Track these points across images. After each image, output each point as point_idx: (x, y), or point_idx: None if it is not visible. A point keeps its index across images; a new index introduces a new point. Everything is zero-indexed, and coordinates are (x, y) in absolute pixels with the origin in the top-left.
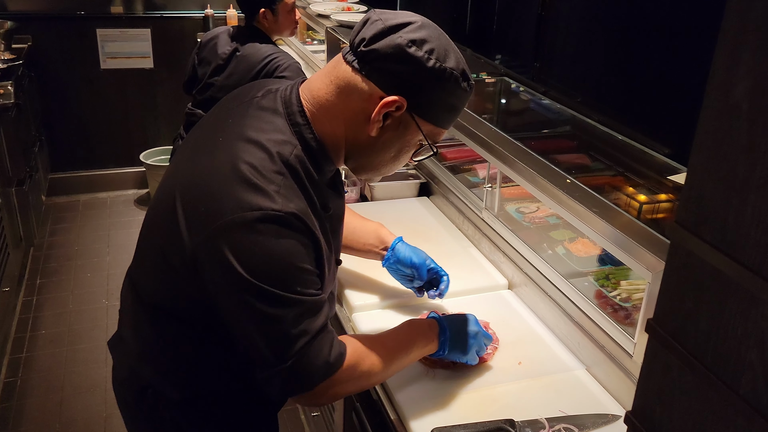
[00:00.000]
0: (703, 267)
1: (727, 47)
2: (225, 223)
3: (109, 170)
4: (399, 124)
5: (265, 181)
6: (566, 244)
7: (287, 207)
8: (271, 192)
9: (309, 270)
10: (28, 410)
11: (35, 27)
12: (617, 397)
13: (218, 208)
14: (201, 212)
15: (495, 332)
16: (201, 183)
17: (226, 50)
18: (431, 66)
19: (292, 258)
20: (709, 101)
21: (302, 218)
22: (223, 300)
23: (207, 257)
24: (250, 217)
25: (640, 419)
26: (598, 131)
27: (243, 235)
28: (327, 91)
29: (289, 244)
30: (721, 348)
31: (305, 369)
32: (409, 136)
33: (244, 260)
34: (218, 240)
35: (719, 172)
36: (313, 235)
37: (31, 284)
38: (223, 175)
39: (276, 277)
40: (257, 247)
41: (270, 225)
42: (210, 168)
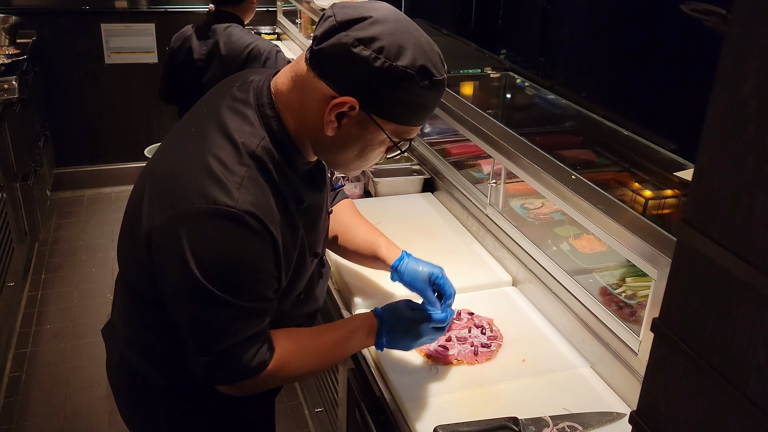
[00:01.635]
0: (710, 266)
1: (735, 43)
2: (182, 212)
3: (113, 165)
4: (356, 124)
5: (228, 173)
6: (571, 241)
7: (244, 204)
8: (231, 186)
9: (257, 274)
10: (32, 405)
11: (40, 22)
12: (622, 395)
13: (179, 196)
14: (162, 199)
15: (499, 329)
16: (168, 172)
17: (203, 51)
18: (379, 66)
19: (241, 259)
20: (716, 98)
21: (259, 217)
22: (167, 283)
23: (160, 241)
24: (206, 210)
25: (646, 419)
26: (604, 126)
27: (196, 226)
28: (288, 87)
29: (240, 243)
30: (728, 348)
31: (225, 367)
32: (371, 135)
33: (192, 251)
34: (173, 227)
35: (727, 170)
36: (270, 235)
37: (35, 279)
38: (189, 165)
39: (219, 277)
40: (208, 242)
41: (224, 221)
42: (179, 158)
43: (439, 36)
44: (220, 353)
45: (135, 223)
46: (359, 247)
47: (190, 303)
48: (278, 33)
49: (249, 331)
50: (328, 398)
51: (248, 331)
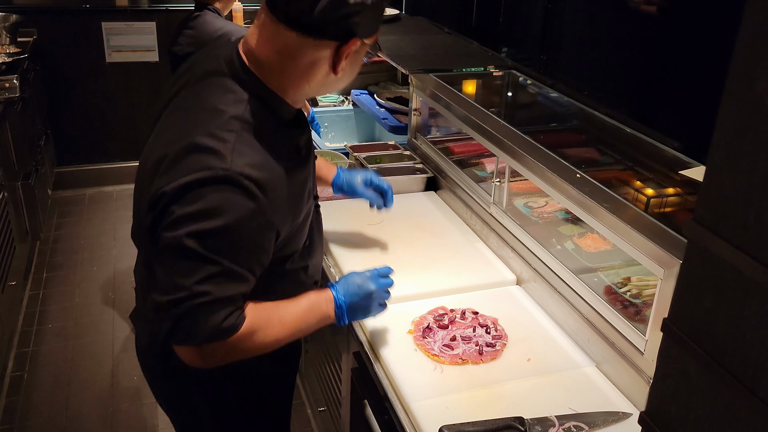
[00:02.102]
0: (722, 266)
1: (749, 41)
2: (177, 184)
3: (114, 164)
4: (354, 54)
5: (219, 142)
6: (575, 240)
7: (239, 166)
8: (224, 152)
9: (251, 240)
10: (35, 404)
11: (40, 20)
12: (628, 395)
13: (178, 171)
14: (163, 173)
15: (504, 328)
16: (166, 153)
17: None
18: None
19: (232, 220)
20: (729, 96)
21: (254, 177)
22: (160, 239)
23: (160, 213)
24: (200, 176)
25: (656, 420)
26: (607, 124)
27: (190, 190)
28: (271, 57)
29: (232, 204)
30: (741, 349)
31: (193, 325)
32: (360, 55)
33: (184, 208)
34: (170, 195)
35: (740, 168)
36: (267, 194)
37: (37, 278)
38: (183, 143)
39: (211, 240)
40: (199, 201)
41: (221, 185)
42: (173, 140)
43: (440, 34)
44: (193, 308)
45: (144, 204)
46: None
47: (171, 255)
48: None
49: (225, 293)
50: (331, 397)
51: (224, 293)
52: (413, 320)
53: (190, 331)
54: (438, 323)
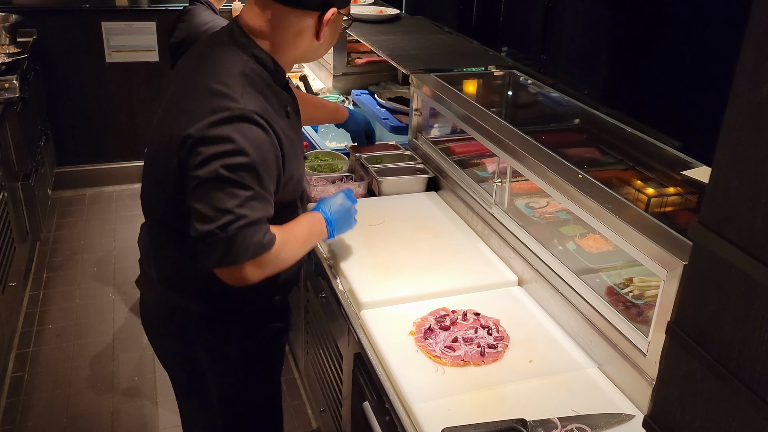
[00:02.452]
0: (728, 269)
1: (756, 42)
2: (202, 125)
3: (115, 164)
4: (332, 23)
5: (229, 89)
6: (577, 240)
7: (250, 106)
8: (236, 96)
9: (267, 164)
10: (35, 405)
11: (40, 20)
12: (630, 397)
13: (197, 117)
14: (184, 124)
15: (505, 330)
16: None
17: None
18: None
19: (256, 151)
20: (735, 98)
21: (263, 116)
22: (192, 180)
23: (187, 155)
24: (221, 116)
25: (660, 424)
26: (608, 124)
27: (215, 129)
28: (263, 27)
29: (255, 138)
30: (747, 353)
31: (240, 244)
32: (337, 25)
33: (212, 147)
34: (196, 137)
35: (746, 170)
36: (274, 132)
37: (37, 278)
38: (198, 94)
39: (236, 163)
40: (225, 137)
41: (237, 121)
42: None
43: (441, 34)
44: (238, 229)
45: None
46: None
47: (209, 190)
48: None
49: (259, 214)
50: (332, 398)
51: (259, 214)
52: (415, 321)
53: (240, 250)
54: (439, 324)
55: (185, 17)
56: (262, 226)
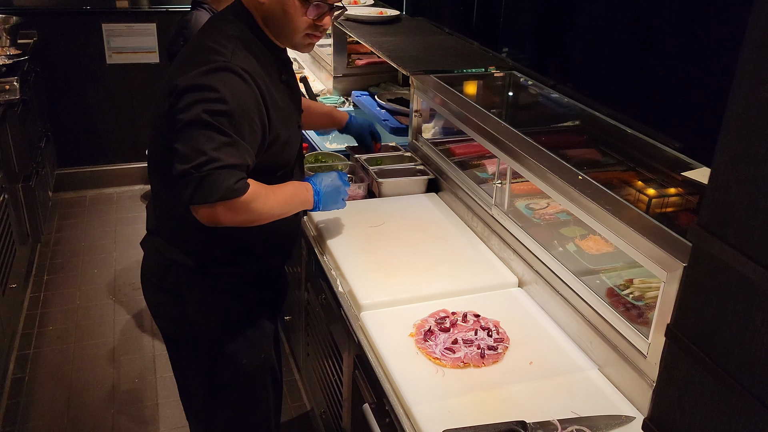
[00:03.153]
0: (728, 272)
1: (756, 45)
2: (191, 74)
3: (115, 165)
4: None
5: (221, 46)
6: (577, 242)
7: (239, 62)
8: (227, 52)
9: (249, 116)
10: (36, 406)
11: (41, 22)
12: (631, 398)
13: (188, 67)
14: (178, 73)
15: (505, 331)
16: (180, 62)
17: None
18: None
19: (237, 100)
20: (736, 99)
21: (250, 73)
22: (177, 123)
23: (175, 101)
24: (208, 66)
25: (659, 427)
26: (608, 125)
27: (203, 76)
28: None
29: (237, 89)
30: (746, 356)
31: (212, 184)
32: None
33: (196, 93)
34: (183, 86)
35: (746, 173)
36: (258, 88)
37: (38, 280)
38: (193, 50)
39: (219, 110)
40: (208, 86)
41: (224, 72)
42: (184, 53)
43: (441, 35)
44: (211, 170)
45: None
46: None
47: (190, 131)
48: None
49: (234, 160)
50: (332, 400)
51: (234, 160)
52: (414, 323)
53: (210, 190)
54: (439, 326)
55: (185, 24)
56: (235, 171)
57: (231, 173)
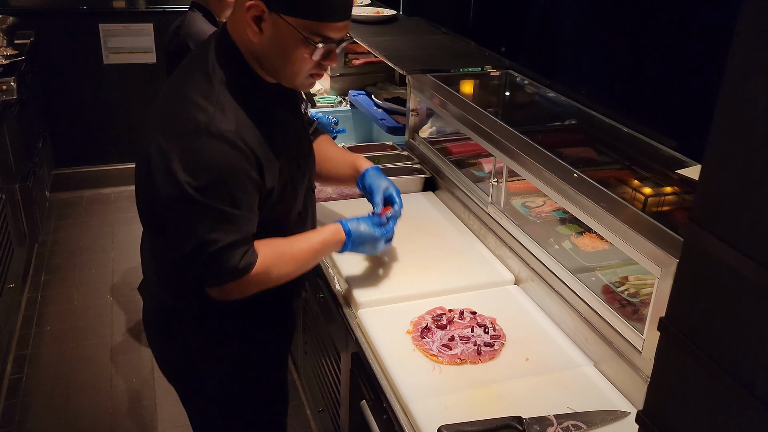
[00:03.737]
0: (719, 265)
1: (744, 43)
2: (173, 134)
3: (112, 166)
4: (272, 26)
5: (203, 100)
6: (573, 239)
7: (221, 121)
8: (210, 110)
9: (238, 184)
10: (33, 407)
11: (37, 22)
12: (626, 394)
13: (170, 124)
14: (158, 130)
15: (502, 328)
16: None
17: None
18: None
19: (221, 168)
20: (725, 96)
21: (235, 131)
22: (159, 200)
23: (155, 162)
24: (189, 128)
25: (652, 419)
26: (605, 124)
27: (182, 143)
28: (228, 12)
29: (220, 154)
30: (737, 348)
31: (216, 269)
32: (287, 36)
33: (178, 163)
34: (163, 146)
35: (735, 169)
36: (247, 147)
37: (35, 281)
38: (175, 101)
39: (202, 184)
40: (191, 154)
41: (203, 136)
42: (167, 100)
43: (438, 35)
44: (211, 255)
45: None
46: (338, 166)
47: (178, 211)
48: None
49: (233, 236)
50: (329, 398)
51: (233, 236)
52: (411, 320)
53: (215, 274)
54: (436, 323)
55: (181, 25)
56: (237, 249)
57: (232, 252)
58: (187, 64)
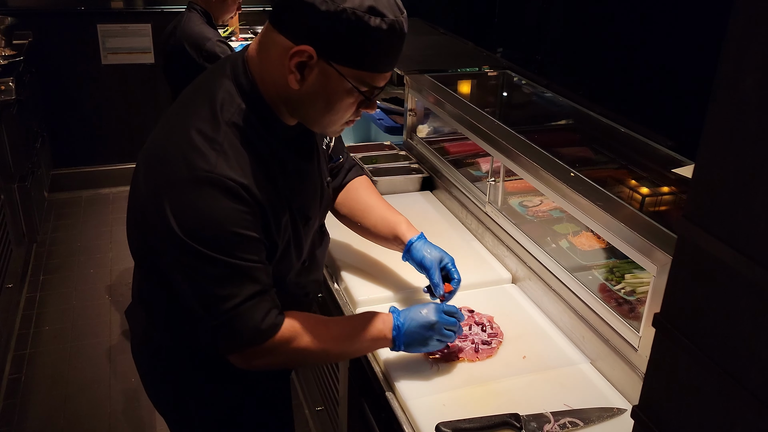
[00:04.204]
0: (712, 262)
1: (736, 40)
2: (167, 181)
3: (111, 166)
4: (318, 73)
5: (207, 142)
6: (570, 238)
7: (223, 169)
8: (209, 154)
9: (242, 234)
10: (32, 407)
11: (36, 23)
12: (622, 391)
13: (165, 168)
14: (153, 173)
15: (499, 326)
16: (157, 148)
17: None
18: (326, 10)
19: (223, 220)
20: (717, 94)
21: (238, 180)
22: (163, 253)
23: (151, 210)
24: (188, 176)
25: (648, 414)
26: (601, 124)
27: (179, 192)
28: (256, 48)
29: (221, 206)
30: (730, 343)
31: (234, 330)
32: (334, 84)
33: (177, 216)
34: (160, 195)
35: (728, 166)
36: (252, 197)
37: (34, 281)
38: (174, 139)
39: (204, 237)
40: (190, 205)
41: (204, 186)
42: (166, 135)
43: (435, 35)
44: (228, 313)
45: (135, 202)
46: (377, 225)
47: (183, 267)
48: None
49: (249, 290)
50: (328, 397)
51: (248, 290)
52: None
53: (233, 336)
54: None
55: (178, 25)
56: (259, 302)
57: (254, 307)
58: (193, 93)
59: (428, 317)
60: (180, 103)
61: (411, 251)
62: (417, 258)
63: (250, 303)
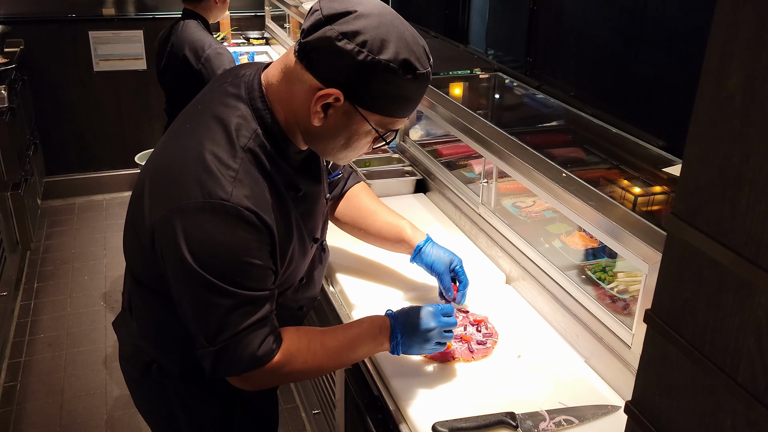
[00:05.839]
0: (700, 257)
1: (720, 40)
2: (180, 206)
3: (104, 172)
4: (342, 114)
5: (222, 168)
6: (563, 238)
7: (238, 197)
8: (225, 181)
9: (253, 264)
10: (28, 414)
11: (27, 30)
12: (616, 388)
13: (177, 191)
14: (163, 194)
15: (494, 326)
16: (166, 167)
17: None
18: (362, 59)
19: (236, 250)
20: (702, 93)
21: (252, 209)
22: (169, 274)
23: (160, 234)
24: (202, 203)
25: (641, 408)
26: (593, 125)
27: (193, 219)
28: (278, 78)
29: (235, 235)
30: (719, 337)
31: (232, 357)
32: (356, 126)
33: (189, 243)
34: (172, 220)
35: (714, 164)
36: (265, 226)
37: (28, 288)
38: (186, 160)
39: (215, 266)
40: (203, 234)
41: (218, 214)
42: (176, 154)
43: (427, 38)
44: (227, 341)
45: (138, 219)
46: (381, 230)
47: (189, 293)
48: (267, 38)
49: (251, 319)
50: (325, 400)
51: (251, 319)
52: None
53: (230, 363)
54: None
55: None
56: (256, 332)
57: (252, 336)
58: (201, 112)
59: (427, 324)
60: (188, 120)
61: (421, 255)
62: (427, 262)
63: (250, 330)
